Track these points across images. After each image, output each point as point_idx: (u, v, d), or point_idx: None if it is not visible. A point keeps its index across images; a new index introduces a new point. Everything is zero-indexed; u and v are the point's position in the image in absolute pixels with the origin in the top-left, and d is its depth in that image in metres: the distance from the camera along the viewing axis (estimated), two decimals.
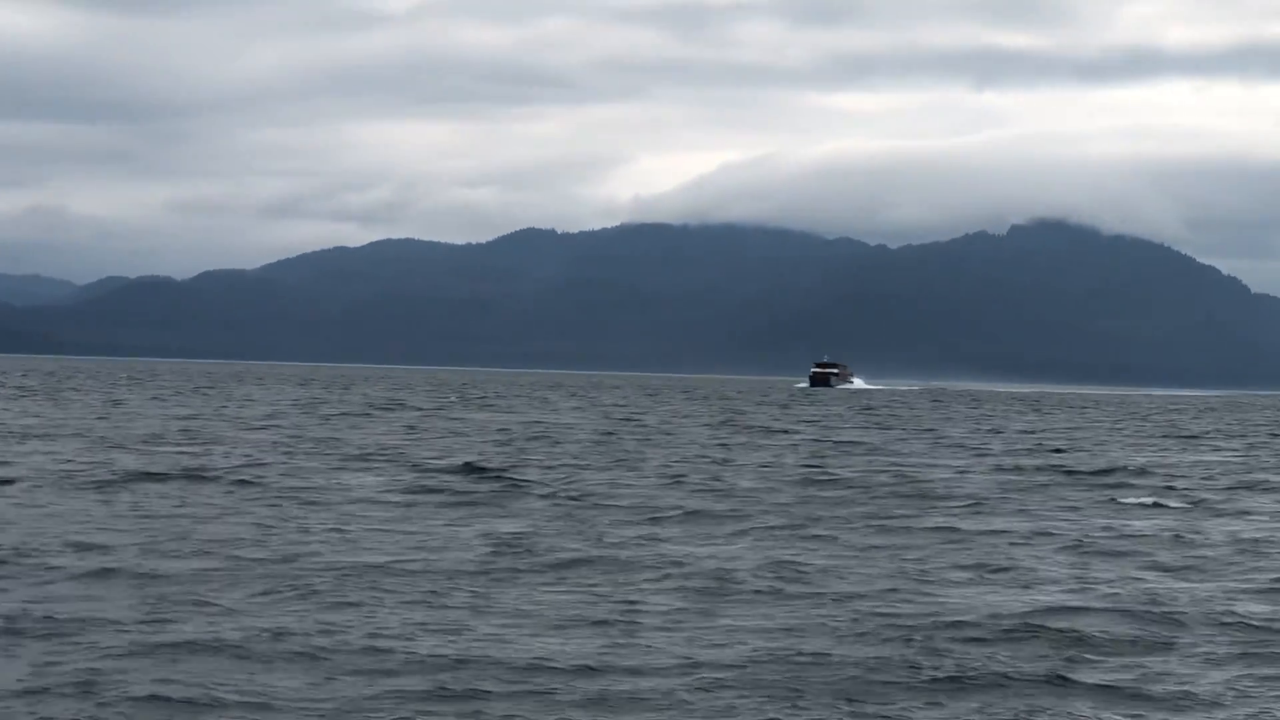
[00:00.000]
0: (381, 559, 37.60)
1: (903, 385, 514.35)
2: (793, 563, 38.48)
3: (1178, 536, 45.71)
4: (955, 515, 51.36)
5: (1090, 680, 26.11)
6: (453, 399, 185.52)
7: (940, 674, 26.14)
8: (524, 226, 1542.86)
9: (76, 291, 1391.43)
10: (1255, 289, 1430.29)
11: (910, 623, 30.39)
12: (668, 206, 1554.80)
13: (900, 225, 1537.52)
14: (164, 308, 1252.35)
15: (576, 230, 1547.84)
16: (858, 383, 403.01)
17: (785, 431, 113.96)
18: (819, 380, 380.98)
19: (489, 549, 39.87)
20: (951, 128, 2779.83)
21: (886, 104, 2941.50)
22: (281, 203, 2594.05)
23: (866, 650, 27.93)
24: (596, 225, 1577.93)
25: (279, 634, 28.03)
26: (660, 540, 42.80)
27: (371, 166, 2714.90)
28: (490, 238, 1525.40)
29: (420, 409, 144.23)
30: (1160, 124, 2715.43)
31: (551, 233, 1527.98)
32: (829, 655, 27.40)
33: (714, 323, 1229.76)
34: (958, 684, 25.62)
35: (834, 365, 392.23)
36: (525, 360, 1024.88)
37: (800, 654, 27.48)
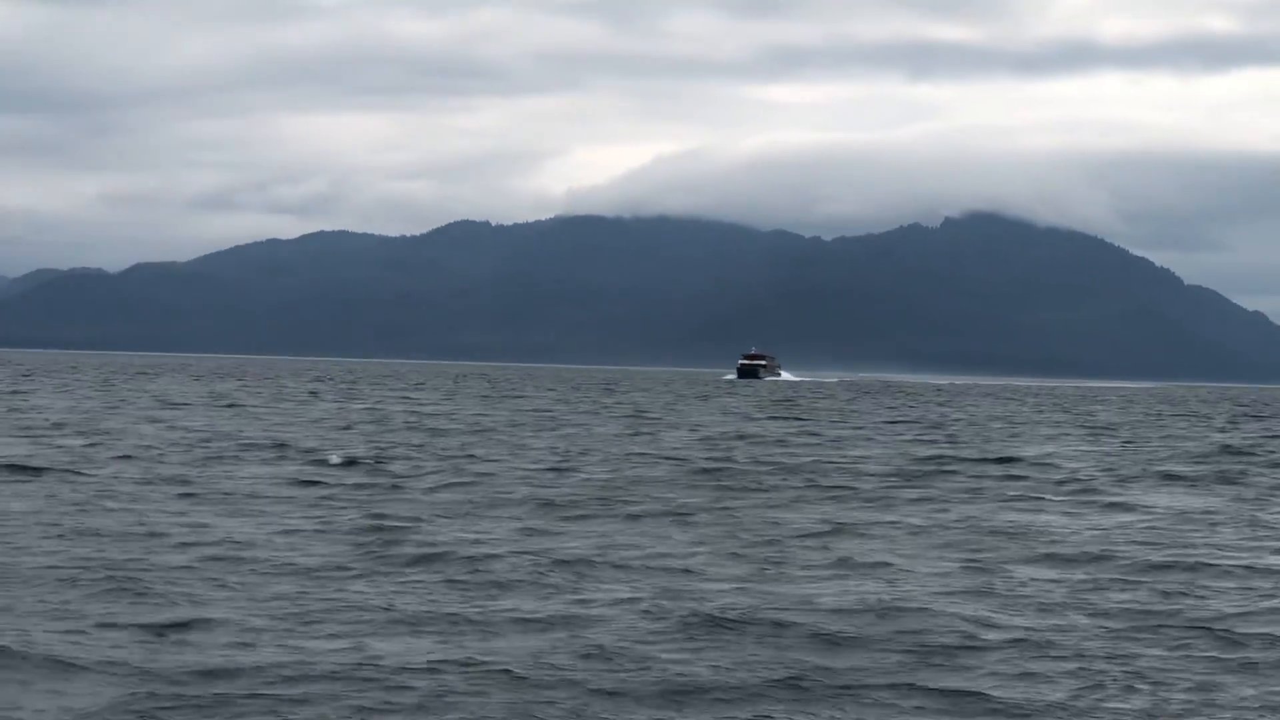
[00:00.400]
0: (235, 554, 36.42)
1: (830, 377, 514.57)
2: (652, 554, 37.63)
3: (1043, 530, 44.89)
4: (838, 506, 50.62)
5: (900, 681, 25.07)
6: (367, 390, 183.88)
7: (751, 676, 25.06)
8: (458, 219, 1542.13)
9: (7, 285, 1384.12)
10: (1188, 281, 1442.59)
11: (733, 617, 29.43)
12: (602, 199, 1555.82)
13: (834, 218, 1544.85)
14: (96, 301, 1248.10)
15: (511, 223, 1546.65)
16: (785, 375, 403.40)
17: (697, 425, 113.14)
18: (746, 372, 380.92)
19: (344, 544, 38.80)
20: (886, 120, 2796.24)
21: (820, 96, 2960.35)
22: (214, 195, 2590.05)
23: (680, 647, 27.04)
24: (530, 218, 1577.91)
25: (94, 636, 26.88)
26: (530, 533, 41.80)
27: (304, 159, 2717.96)
28: (424, 230, 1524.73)
29: (337, 401, 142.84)
30: (1094, 117, 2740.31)
31: (486, 225, 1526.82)
32: (632, 652, 26.48)
33: (649, 315, 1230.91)
34: (761, 687, 24.62)
35: (761, 357, 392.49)
36: (460, 353, 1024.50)
37: (592, 649, 26.62)
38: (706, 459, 71.49)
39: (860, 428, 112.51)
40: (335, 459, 63.77)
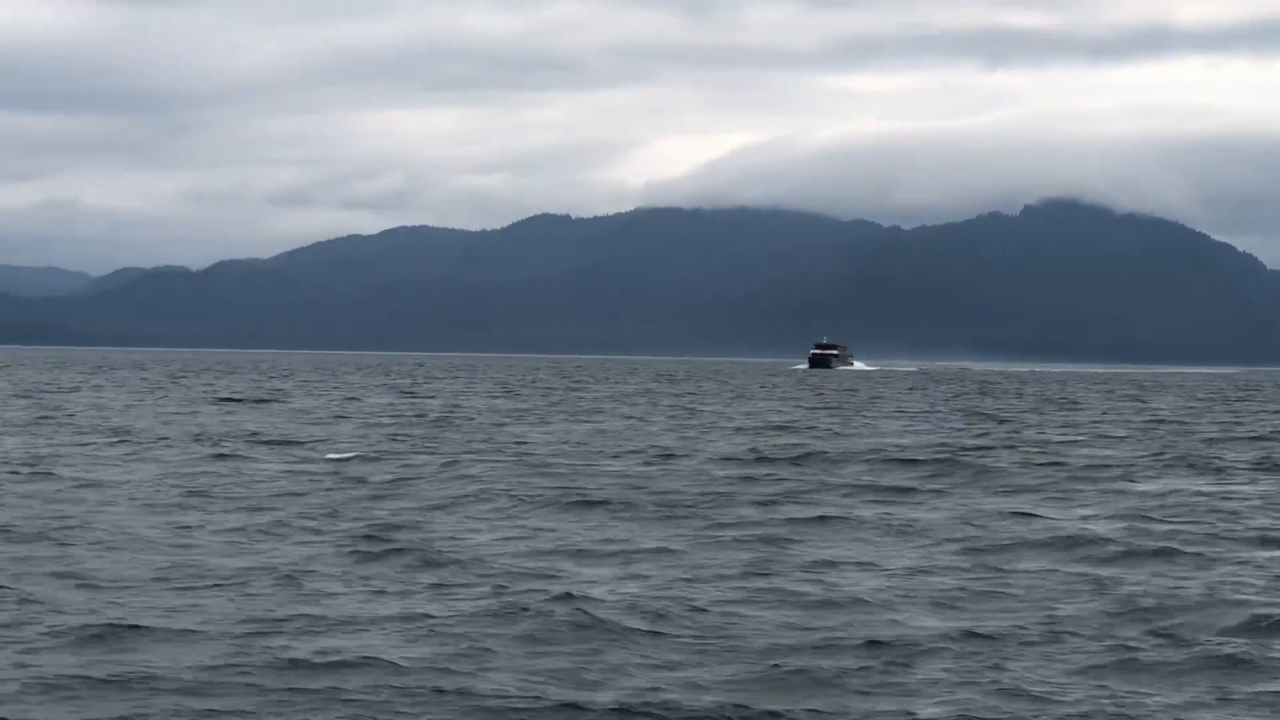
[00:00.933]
0: (201, 557, 35.34)
1: (909, 366, 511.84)
2: (617, 552, 36.39)
3: (1051, 522, 42.93)
4: (853, 498, 49.24)
5: (850, 693, 23.73)
6: (425, 384, 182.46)
7: (687, 696, 23.72)
8: (537, 212, 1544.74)
9: (92, 283, 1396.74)
10: (1270, 265, 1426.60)
11: (658, 625, 27.99)
12: (680, 191, 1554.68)
13: (913, 206, 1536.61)
14: (180, 298, 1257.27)
15: (590, 215, 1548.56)
16: (858, 364, 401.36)
17: (748, 415, 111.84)
18: (818, 362, 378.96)
19: (306, 544, 37.73)
20: (962, 108, 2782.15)
21: (897, 85, 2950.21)
22: (293, 192, 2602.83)
23: (615, 652, 25.74)
24: (609, 210, 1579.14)
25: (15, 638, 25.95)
26: (506, 529, 40.58)
27: (382, 154, 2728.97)
28: (504, 223, 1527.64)
29: (388, 397, 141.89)
30: (1172, 101, 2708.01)
31: (566, 218, 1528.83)
32: (517, 657, 25.40)
33: (729, 306, 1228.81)
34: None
35: (833, 347, 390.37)
36: (540, 346, 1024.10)
37: (508, 651, 25.55)
38: (733, 450, 69.91)
39: (912, 417, 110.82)
40: (335, 455, 62.78)
